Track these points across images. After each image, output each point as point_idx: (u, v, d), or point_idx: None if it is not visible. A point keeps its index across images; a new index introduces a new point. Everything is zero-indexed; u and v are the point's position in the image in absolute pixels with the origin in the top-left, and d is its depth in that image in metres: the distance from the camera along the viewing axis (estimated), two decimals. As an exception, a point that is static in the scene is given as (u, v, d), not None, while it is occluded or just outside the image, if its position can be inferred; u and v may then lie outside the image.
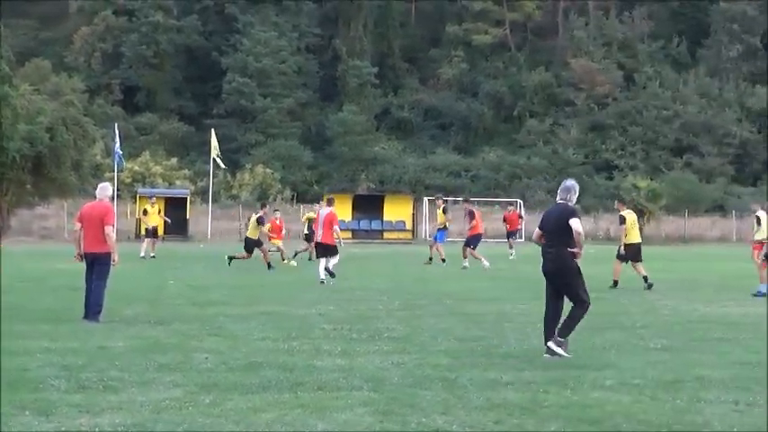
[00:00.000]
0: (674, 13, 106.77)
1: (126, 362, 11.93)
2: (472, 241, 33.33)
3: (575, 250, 12.88)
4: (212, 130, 61.41)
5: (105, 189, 16.91)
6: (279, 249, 34.33)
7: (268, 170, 78.61)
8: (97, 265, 16.20)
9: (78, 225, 16.63)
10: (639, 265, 24.16)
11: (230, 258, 31.68)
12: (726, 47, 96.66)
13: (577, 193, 13.44)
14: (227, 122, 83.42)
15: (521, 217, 40.06)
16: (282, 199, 74.82)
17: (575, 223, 12.82)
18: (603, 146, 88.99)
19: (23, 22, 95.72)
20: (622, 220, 24.75)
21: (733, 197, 72.47)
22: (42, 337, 14.04)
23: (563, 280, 13.17)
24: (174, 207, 55.35)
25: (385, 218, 59.81)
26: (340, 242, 25.84)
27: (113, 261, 16.25)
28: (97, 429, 8.37)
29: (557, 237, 13.06)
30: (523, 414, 9.26)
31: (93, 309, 15.95)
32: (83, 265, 16.57)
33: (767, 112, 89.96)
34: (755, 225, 28.38)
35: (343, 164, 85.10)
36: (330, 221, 24.84)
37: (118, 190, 58.78)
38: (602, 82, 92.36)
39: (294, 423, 8.76)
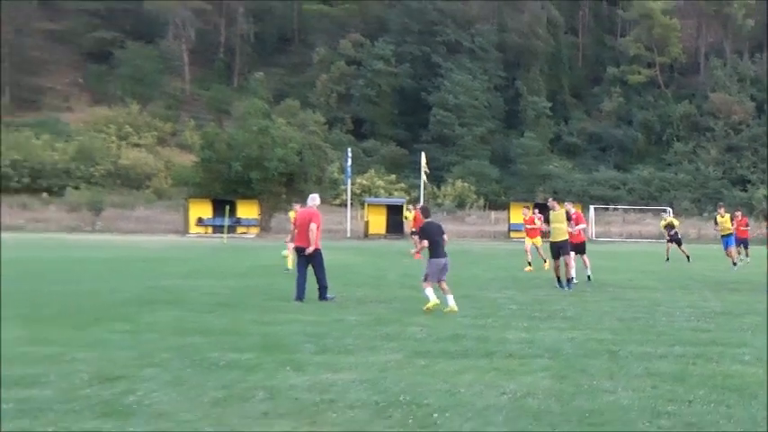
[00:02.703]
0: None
1: (357, 332, 12.14)
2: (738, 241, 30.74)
3: None
4: (422, 153, 61.85)
5: (314, 199, 17.09)
6: None
7: (465, 184, 79.01)
8: (313, 256, 16.26)
9: (292, 227, 16.88)
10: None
11: None
12: None
13: None
14: (433, 147, 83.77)
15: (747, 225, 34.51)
16: (477, 206, 75.04)
17: None
18: (738, 164, 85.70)
19: (278, 71, 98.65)
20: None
21: None
22: (294, 311, 14.45)
23: None
24: (394, 212, 56.20)
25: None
26: None
27: (310, 251, 16.30)
28: (339, 383, 8.56)
29: None
30: (675, 382, 9.00)
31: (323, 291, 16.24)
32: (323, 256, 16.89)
33: None
34: None
35: (523, 179, 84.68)
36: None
37: (350, 199, 60.12)
38: (737, 111, 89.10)
39: (490, 383, 8.75)
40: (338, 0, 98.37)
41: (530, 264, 25.97)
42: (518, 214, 57.36)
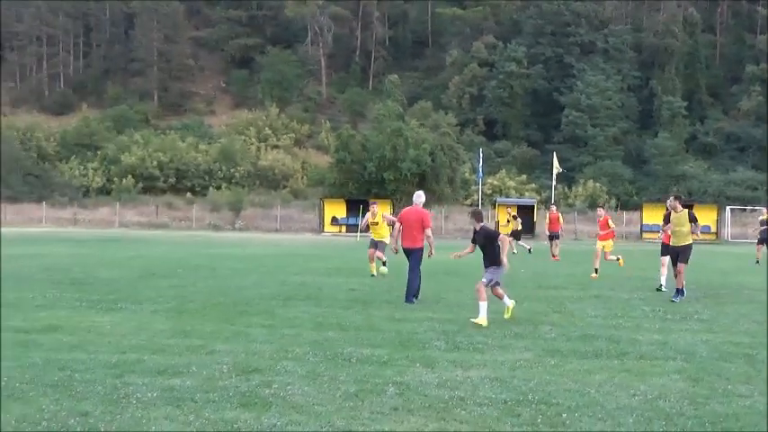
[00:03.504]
0: None
1: (488, 330, 12.08)
2: None
3: None
4: (553, 154, 61.01)
5: (420, 196, 16.22)
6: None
7: (597, 184, 77.52)
8: (412, 253, 15.59)
9: (398, 225, 16.00)
10: None
11: None
12: None
13: None
14: (564, 147, 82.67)
15: None
16: (608, 207, 73.48)
17: None
18: None
19: (412, 74, 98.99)
20: None
21: None
22: (425, 309, 14.47)
23: None
24: (524, 212, 55.65)
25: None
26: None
27: (429, 254, 15.77)
28: (469, 380, 8.54)
29: None
30: (816, 387, 8.61)
31: (411, 292, 15.40)
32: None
33: None
34: None
35: (657, 179, 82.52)
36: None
37: (481, 199, 59.80)
38: None
39: (620, 384, 8.57)
40: (471, 2, 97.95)
41: (618, 258, 23.79)
42: (650, 215, 56.30)
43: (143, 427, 6.81)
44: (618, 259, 23.68)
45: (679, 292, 16.41)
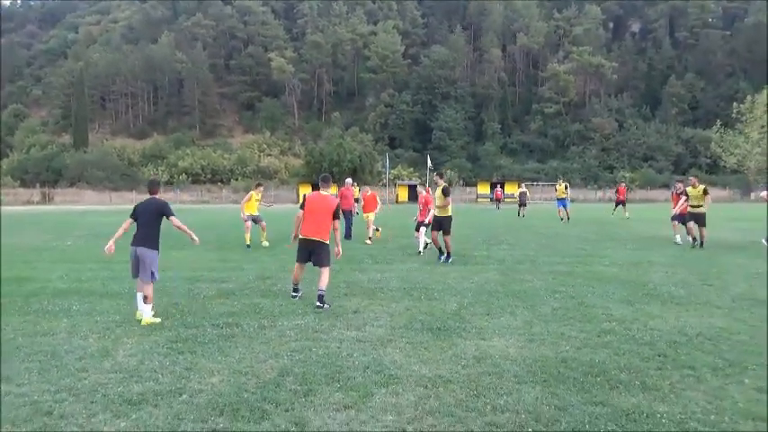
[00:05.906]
0: None
1: (395, 253, 12.22)
2: None
3: None
4: (428, 156, 60.98)
5: (349, 181, 15.96)
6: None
7: (452, 172, 76.06)
8: (350, 214, 15.48)
9: (338, 198, 13.97)
10: None
11: None
12: None
13: None
14: (434, 152, 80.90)
15: None
16: (459, 185, 73.15)
17: None
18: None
19: (347, 111, 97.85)
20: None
21: None
22: (358, 242, 14.62)
23: None
24: (412, 189, 55.40)
25: None
26: None
27: (356, 212, 15.23)
28: (385, 279, 8.72)
29: None
30: (566, 276, 9.15)
31: (348, 233, 15.61)
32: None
33: None
34: None
35: (485, 169, 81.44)
36: None
37: (388, 183, 59.33)
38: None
39: (465, 277, 8.95)
40: (381, 70, 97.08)
41: (378, 229, 16.32)
42: (482, 188, 56.86)
43: (209, 310, 7.07)
44: (377, 230, 16.17)
45: (448, 256, 10.90)
